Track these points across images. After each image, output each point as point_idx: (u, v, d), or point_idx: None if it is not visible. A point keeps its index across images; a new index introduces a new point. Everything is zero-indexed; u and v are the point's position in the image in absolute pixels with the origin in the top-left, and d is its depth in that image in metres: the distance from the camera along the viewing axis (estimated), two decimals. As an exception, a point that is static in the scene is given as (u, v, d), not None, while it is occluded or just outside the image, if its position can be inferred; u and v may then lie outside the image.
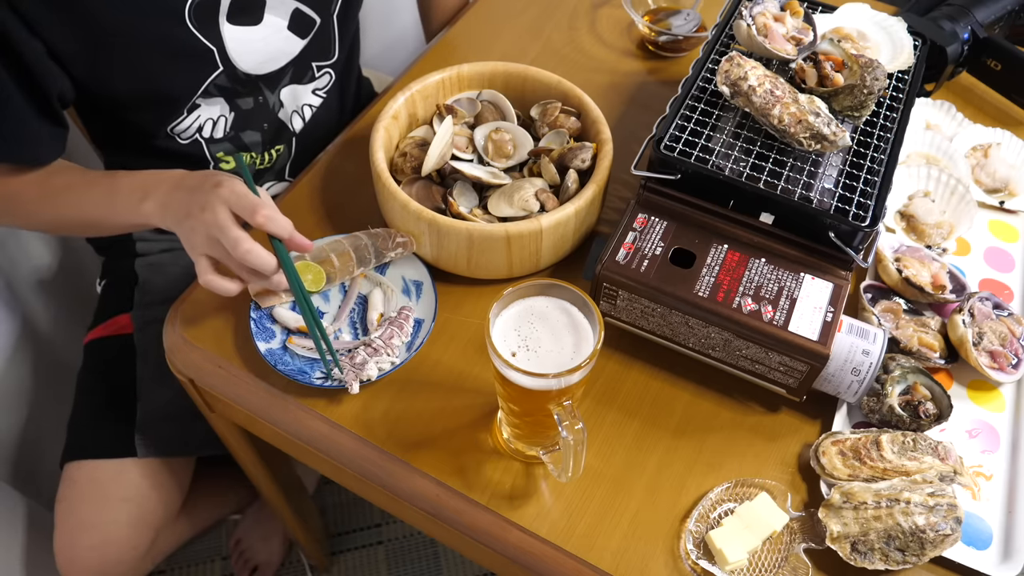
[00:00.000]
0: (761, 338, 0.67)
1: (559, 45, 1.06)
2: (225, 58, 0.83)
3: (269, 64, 0.88)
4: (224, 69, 0.84)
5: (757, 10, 0.80)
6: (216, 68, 0.83)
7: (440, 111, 0.86)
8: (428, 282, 0.78)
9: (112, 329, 1.01)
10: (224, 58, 0.83)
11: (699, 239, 0.72)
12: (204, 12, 0.79)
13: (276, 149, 0.96)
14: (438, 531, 0.72)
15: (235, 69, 0.85)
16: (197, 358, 0.76)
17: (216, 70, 0.83)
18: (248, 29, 0.83)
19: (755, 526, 0.64)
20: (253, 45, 0.84)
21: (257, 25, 0.84)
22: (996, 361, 0.74)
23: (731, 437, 0.71)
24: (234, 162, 0.94)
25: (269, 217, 0.68)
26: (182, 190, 0.71)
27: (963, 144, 0.92)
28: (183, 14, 0.77)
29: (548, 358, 0.59)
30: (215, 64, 0.83)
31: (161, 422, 0.97)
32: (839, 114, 0.76)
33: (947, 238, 0.84)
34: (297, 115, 0.96)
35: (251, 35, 0.84)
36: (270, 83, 0.90)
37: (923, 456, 0.66)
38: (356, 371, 0.70)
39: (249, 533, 1.39)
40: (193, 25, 0.79)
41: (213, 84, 0.85)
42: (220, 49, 0.82)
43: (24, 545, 1.10)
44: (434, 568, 1.43)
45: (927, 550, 0.62)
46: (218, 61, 0.83)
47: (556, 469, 0.64)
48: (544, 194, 0.79)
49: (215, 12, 0.80)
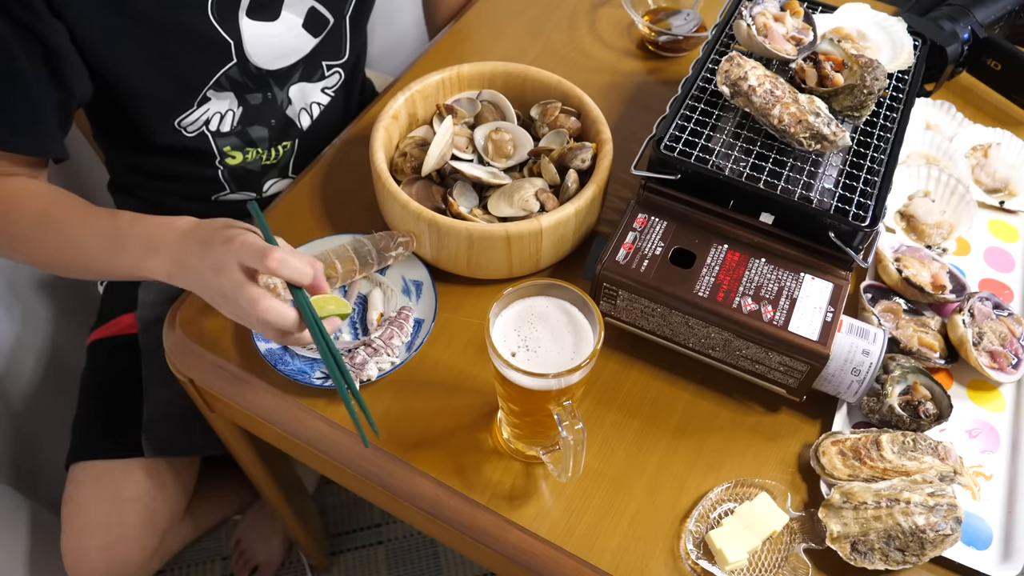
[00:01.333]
0: (761, 338, 0.67)
1: (559, 45, 1.06)
2: (240, 52, 0.84)
3: (281, 60, 0.88)
4: (237, 62, 0.84)
5: (757, 10, 0.80)
6: (231, 60, 0.84)
7: (440, 111, 0.86)
8: (428, 282, 0.78)
9: (115, 329, 1.01)
10: (240, 51, 0.84)
11: (699, 239, 0.72)
12: (226, 6, 0.80)
13: (283, 145, 0.97)
14: (438, 531, 0.72)
15: (248, 63, 0.85)
16: (197, 358, 0.76)
17: (230, 62, 0.84)
18: (265, 24, 0.84)
19: (755, 526, 0.64)
20: (268, 40, 0.85)
21: (274, 21, 0.84)
22: (996, 361, 0.74)
23: (731, 437, 0.71)
24: (240, 157, 0.94)
25: (282, 261, 0.61)
26: (191, 243, 0.66)
27: (963, 144, 0.92)
28: (206, 6, 0.78)
29: (548, 358, 0.59)
30: (230, 56, 0.84)
31: (166, 422, 0.97)
32: (839, 114, 0.76)
33: (947, 238, 0.84)
34: (305, 112, 0.96)
35: (267, 31, 0.84)
36: (280, 80, 0.90)
37: (923, 456, 0.66)
38: (356, 371, 0.70)
39: (249, 533, 1.39)
40: (215, 18, 0.79)
41: (225, 76, 0.85)
42: (237, 42, 0.83)
43: (27, 547, 1.10)
44: (434, 568, 1.43)
45: (927, 550, 0.62)
46: (233, 54, 0.83)
47: (556, 469, 0.64)
48: (544, 194, 0.79)
49: (236, 6, 0.81)
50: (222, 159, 0.93)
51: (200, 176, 0.94)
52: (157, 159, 0.92)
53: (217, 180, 0.95)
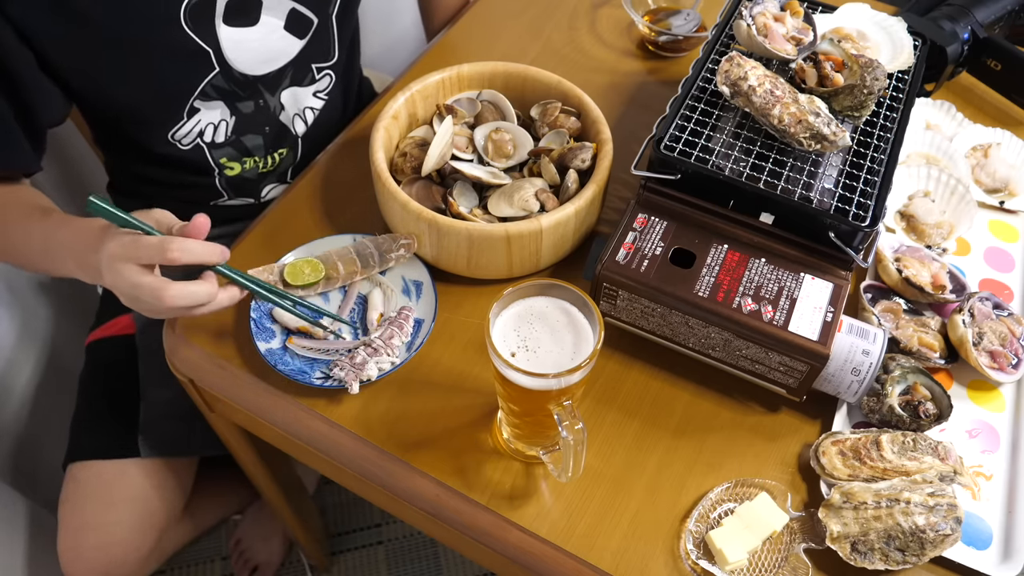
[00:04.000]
0: (761, 338, 0.67)
1: (559, 45, 1.06)
2: (221, 59, 0.83)
3: (267, 65, 0.87)
4: (220, 70, 0.83)
5: (757, 10, 0.80)
6: (212, 69, 0.83)
7: (440, 111, 0.86)
8: (428, 282, 0.78)
9: (114, 330, 1.01)
10: (220, 59, 0.83)
11: (699, 239, 0.72)
12: (200, 13, 0.78)
13: (279, 152, 0.96)
14: (438, 531, 0.72)
15: (231, 69, 0.84)
16: (197, 358, 0.76)
17: (212, 71, 0.83)
18: (244, 30, 0.83)
19: (755, 526, 0.64)
20: (249, 45, 0.84)
21: (254, 26, 0.83)
22: (996, 361, 0.74)
23: (731, 437, 0.71)
24: (238, 167, 0.94)
25: (184, 249, 0.61)
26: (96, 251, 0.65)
27: (963, 144, 0.92)
28: (178, 16, 0.77)
29: (548, 358, 0.59)
30: (211, 65, 0.83)
31: (163, 422, 0.97)
32: (839, 114, 0.76)
33: (947, 238, 0.84)
34: (299, 118, 0.95)
35: (247, 35, 0.83)
36: (270, 85, 0.89)
37: (923, 456, 0.66)
38: (356, 371, 0.70)
39: (249, 533, 1.39)
40: (188, 27, 0.78)
41: (210, 85, 0.84)
42: (216, 50, 0.82)
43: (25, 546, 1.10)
44: (434, 568, 1.43)
45: (927, 550, 0.62)
46: (214, 62, 0.82)
47: (556, 469, 0.64)
48: (544, 194, 0.79)
49: (211, 13, 0.79)
50: (220, 170, 0.93)
51: (198, 184, 0.94)
52: (154, 168, 0.92)
53: (215, 188, 0.95)
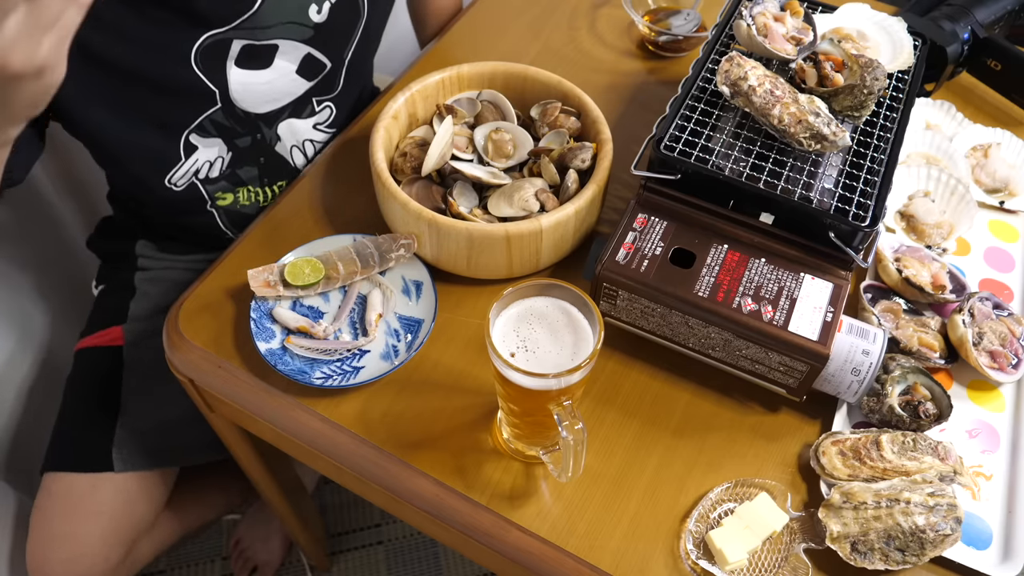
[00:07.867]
0: (761, 338, 0.67)
1: (559, 45, 1.06)
2: (226, 97, 0.82)
3: (270, 104, 0.86)
4: (223, 107, 0.83)
5: (757, 10, 0.80)
6: (215, 105, 0.82)
7: (440, 111, 0.86)
8: (428, 282, 0.78)
9: (104, 340, 1.00)
10: (225, 97, 0.82)
11: (699, 239, 0.72)
12: (212, 55, 0.77)
13: (278, 185, 0.94)
14: (438, 531, 0.72)
15: (234, 107, 0.83)
16: (197, 358, 0.76)
17: (214, 107, 0.82)
18: (255, 72, 0.82)
19: (755, 526, 0.64)
20: (257, 88, 0.83)
21: (266, 69, 0.82)
22: (996, 361, 0.74)
23: (731, 437, 0.71)
24: (231, 197, 0.92)
25: None
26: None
27: (963, 144, 0.92)
28: (189, 57, 0.76)
29: (548, 358, 0.59)
30: (214, 102, 0.82)
31: (141, 437, 0.96)
32: (839, 114, 0.76)
33: (947, 238, 0.84)
34: (297, 150, 0.93)
35: (256, 78, 0.82)
36: (268, 120, 0.88)
37: (923, 456, 0.66)
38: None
39: (249, 533, 1.39)
40: (198, 68, 0.77)
41: (209, 120, 0.83)
42: (223, 90, 0.81)
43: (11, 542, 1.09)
44: (434, 568, 1.43)
45: (927, 550, 0.62)
46: (218, 100, 0.82)
47: (556, 469, 0.64)
48: (544, 194, 0.79)
49: (223, 56, 0.78)
50: (213, 203, 0.92)
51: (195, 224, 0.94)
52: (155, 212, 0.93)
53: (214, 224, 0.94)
